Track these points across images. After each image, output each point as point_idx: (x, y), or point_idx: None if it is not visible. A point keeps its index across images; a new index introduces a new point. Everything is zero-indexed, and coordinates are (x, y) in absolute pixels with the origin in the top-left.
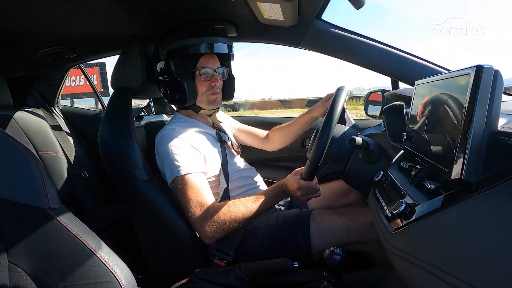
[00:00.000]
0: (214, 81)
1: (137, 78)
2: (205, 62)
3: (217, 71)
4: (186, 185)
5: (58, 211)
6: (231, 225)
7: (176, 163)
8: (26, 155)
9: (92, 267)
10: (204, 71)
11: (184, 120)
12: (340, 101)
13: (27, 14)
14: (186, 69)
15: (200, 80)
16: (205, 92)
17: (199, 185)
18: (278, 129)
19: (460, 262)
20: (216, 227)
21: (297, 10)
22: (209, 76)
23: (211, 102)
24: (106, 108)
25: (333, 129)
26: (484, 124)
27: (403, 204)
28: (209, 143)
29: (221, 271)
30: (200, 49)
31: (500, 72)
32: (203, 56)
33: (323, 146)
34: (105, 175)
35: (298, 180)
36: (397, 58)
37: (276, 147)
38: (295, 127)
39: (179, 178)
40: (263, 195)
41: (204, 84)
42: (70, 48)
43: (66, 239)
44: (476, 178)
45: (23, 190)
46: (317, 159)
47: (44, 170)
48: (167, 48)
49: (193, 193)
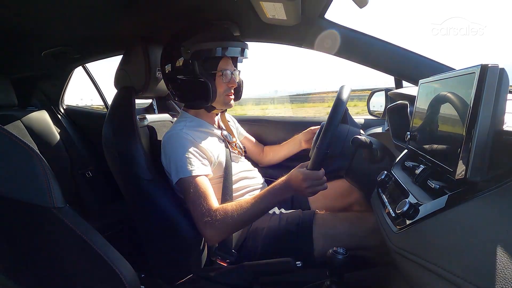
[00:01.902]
0: (232, 82)
1: (140, 78)
2: (225, 64)
3: (233, 73)
4: (190, 187)
5: (62, 210)
6: (235, 226)
7: (182, 164)
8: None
9: (96, 266)
10: (225, 73)
11: (191, 119)
12: (346, 92)
13: (32, 15)
14: (208, 70)
15: (220, 81)
16: (222, 93)
17: (204, 187)
18: (272, 147)
19: (464, 262)
20: (219, 229)
21: (300, 9)
22: (228, 78)
23: (226, 103)
24: (110, 108)
25: (340, 116)
26: (489, 123)
27: (407, 204)
28: (214, 143)
29: (224, 270)
30: (227, 53)
31: (505, 71)
32: (223, 59)
33: (331, 132)
34: (109, 175)
35: (303, 171)
36: (401, 56)
37: (267, 163)
38: (285, 147)
39: (184, 179)
40: (266, 194)
41: (223, 85)
42: (74, 49)
43: (70, 238)
44: (481, 177)
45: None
46: (325, 145)
47: (49, 170)
48: (192, 49)
49: (197, 195)
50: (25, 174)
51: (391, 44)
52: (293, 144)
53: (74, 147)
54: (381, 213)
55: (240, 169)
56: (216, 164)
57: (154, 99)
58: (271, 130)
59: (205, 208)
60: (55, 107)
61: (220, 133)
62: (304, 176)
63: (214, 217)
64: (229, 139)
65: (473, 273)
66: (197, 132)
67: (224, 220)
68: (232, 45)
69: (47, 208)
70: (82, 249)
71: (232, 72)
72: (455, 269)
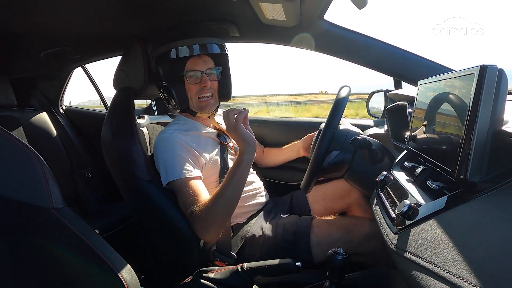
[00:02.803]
0: (203, 83)
1: (139, 79)
2: (193, 64)
3: (207, 73)
4: (180, 189)
5: (62, 211)
6: (223, 215)
7: (170, 167)
8: (30, 155)
9: (96, 267)
10: (191, 74)
11: (185, 122)
12: (345, 92)
13: (31, 15)
14: (175, 73)
15: (188, 83)
16: (194, 96)
17: (193, 189)
18: (272, 149)
19: (464, 262)
20: (210, 225)
21: (300, 10)
22: (197, 79)
23: (201, 107)
24: (109, 108)
25: (340, 117)
26: (488, 124)
27: (406, 205)
28: (208, 145)
29: (223, 271)
30: (184, 52)
31: (504, 72)
32: (191, 59)
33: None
34: (108, 175)
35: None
36: (400, 57)
37: (266, 165)
38: (284, 153)
39: (174, 182)
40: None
41: (193, 87)
42: (74, 49)
43: (70, 238)
44: (480, 178)
45: (27, 190)
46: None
47: (48, 170)
48: (154, 54)
49: (186, 197)
50: (24, 175)
51: (390, 45)
52: (291, 150)
53: (73, 147)
54: (381, 213)
55: None
56: (209, 166)
57: (153, 100)
58: (271, 131)
59: (193, 209)
60: (55, 108)
61: (215, 134)
62: (225, 114)
63: (200, 215)
64: (224, 140)
65: (472, 273)
66: (189, 134)
67: (209, 213)
68: (192, 43)
69: (47, 208)
70: (81, 250)
71: (205, 71)
72: (454, 269)
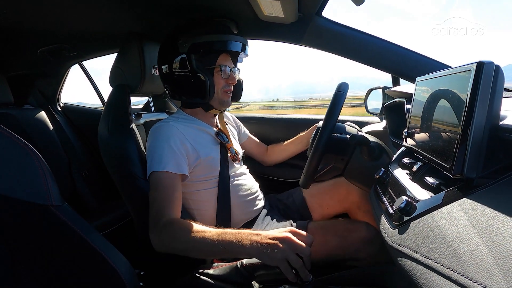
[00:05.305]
0: (232, 79)
1: (135, 76)
2: (224, 60)
3: (233, 70)
4: (156, 183)
5: (60, 208)
6: (179, 246)
7: (156, 157)
8: (28, 152)
9: (94, 264)
10: (224, 68)
11: (185, 117)
12: (343, 90)
13: (27, 12)
14: (206, 65)
15: (219, 77)
16: (220, 90)
17: (169, 187)
18: (276, 146)
19: (461, 257)
20: (163, 240)
21: (297, 6)
22: (227, 74)
23: (223, 102)
24: (105, 106)
25: (338, 114)
26: (485, 120)
27: (404, 201)
28: (205, 142)
29: (223, 267)
30: (226, 46)
31: (501, 68)
32: (221, 55)
33: (329, 129)
34: (106, 173)
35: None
36: (398, 54)
37: (271, 163)
38: (290, 146)
39: (154, 173)
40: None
41: (221, 81)
42: (71, 46)
43: (69, 236)
44: (477, 174)
45: (25, 187)
46: (323, 143)
47: (46, 167)
48: (189, 42)
49: (159, 194)
50: (22, 172)
51: (388, 42)
52: (300, 142)
53: (71, 145)
54: (379, 209)
55: (232, 173)
56: (206, 164)
57: (150, 97)
58: (273, 128)
59: (160, 209)
60: (52, 106)
61: (215, 133)
62: (287, 229)
63: (163, 224)
64: (223, 140)
65: (469, 267)
66: (186, 128)
67: (170, 234)
68: (232, 39)
69: (45, 206)
70: (80, 247)
71: (231, 68)
72: (452, 264)
